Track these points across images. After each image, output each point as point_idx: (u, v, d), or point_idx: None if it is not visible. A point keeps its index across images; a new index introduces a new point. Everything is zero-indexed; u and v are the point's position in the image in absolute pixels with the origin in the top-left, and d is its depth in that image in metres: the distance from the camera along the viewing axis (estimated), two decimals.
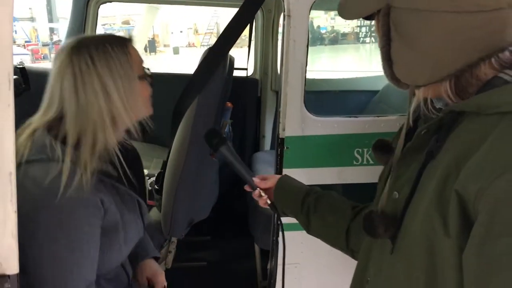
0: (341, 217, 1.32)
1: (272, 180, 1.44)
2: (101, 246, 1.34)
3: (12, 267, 0.98)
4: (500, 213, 0.73)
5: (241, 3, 2.06)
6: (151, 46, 25.97)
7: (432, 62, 0.86)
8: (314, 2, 1.96)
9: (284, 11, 1.98)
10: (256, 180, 1.43)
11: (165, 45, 29.34)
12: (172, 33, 29.90)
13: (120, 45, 1.36)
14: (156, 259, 1.79)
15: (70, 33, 3.59)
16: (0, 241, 0.96)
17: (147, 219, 1.59)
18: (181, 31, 30.23)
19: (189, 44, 29.87)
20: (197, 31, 29.02)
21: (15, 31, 18.86)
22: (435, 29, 0.83)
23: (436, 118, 0.91)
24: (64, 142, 1.30)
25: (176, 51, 26.26)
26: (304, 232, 2.11)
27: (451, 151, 0.85)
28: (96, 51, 1.31)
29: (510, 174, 0.72)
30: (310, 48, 2.05)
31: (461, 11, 0.81)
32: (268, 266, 2.36)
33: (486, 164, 0.76)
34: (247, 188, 1.46)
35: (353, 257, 1.32)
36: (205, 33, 26.61)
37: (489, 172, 0.75)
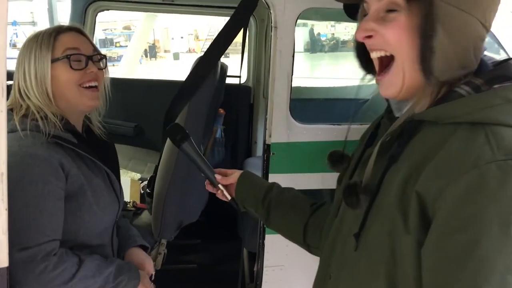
0: (300, 213, 1.39)
1: (234, 176, 1.49)
2: (71, 209, 1.43)
3: (2, 260, 1.06)
4: (456, 211, 0.82)
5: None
6: (152, 51, 26.04)
7: (462, 60, 0.91)
8: (300, 14, 2.05)
9: (271, 23, 2.07)
10: (217, 176, 1.48)
11: (165, 51, 29.42)
12: (172, 38, 29.98)
13: (49, 31, 1.51)
14: (144, 248, 1.84)
15: None
16: None
17: (123, 196, 1.69)
18: (181, 37, 30.32)
19: (189, 49, 29.95)
20: (197, 37, 29.11)
21: (16, 35, 18.94)
22: (470, 31, 0.91)
23: (399, 125, 0.98)
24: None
25: (176, 56, 26.33)
26: None
27: (412, 156, 0.92)
28: (30, 37, 1.51)
29: (465, 176, 0.81)
30: (310, 55, 2.15)
31: (483, 23, 0.91)
32: (255, 268, 2.43)
33: (444, 167, 0.85)
34: (207, 184, 1.51)
35: (309, 251, 1.41)
36: (206, 39, 26.71)
37: (447, 174, 0.83)
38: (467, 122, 0.87)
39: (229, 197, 1.49)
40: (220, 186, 1.48)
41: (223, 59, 2.46)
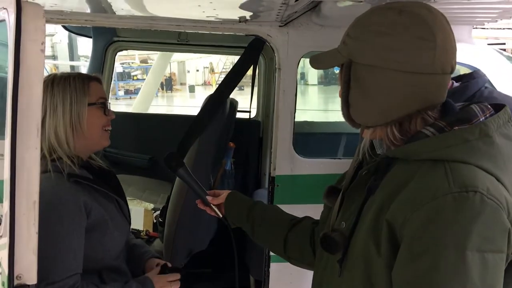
0: (280, 228, 1.53)
1: (223, 196, 1.66)
2: (96, 238, 1.58)
3: (32, 278, 1.21)
4: (417, 238, 0.96)
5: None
6: (168, 84, 26.62)
7: (381, 109, 1.08)
8: (302, 57, 2.22)
9: (275, 65, 2.25)
10: (209, 198, 1.65)
11: (181, 83, 30.01)
12: (188, 71, 30.57)
13: (81, 77, 1.66)
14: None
15: None
16: (24, 256, 1.19)
17: (130, 217, 1.84)
18: (197, 70, 30.90)
19: (205, 82, 30.47)
20: (212, 70, 29.65)
21: None
22: (384, 83, 1.05)
23: (375, 162, 1.14)
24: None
25: (191, 89, 26.88)
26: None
27: (385, 189, 1.07)
28: (59, 79, 1.63)
29: (425, 206, 0.95)
30: (325, 88, 2.31)
31: (404, 71, 1.03)
32: None
33: (408, 200, 0.99)
34: (199, 203, 1.67)
35: (291, 262, 1.56)
36: (221, 72, 27.18)
37: (411, 206, 0.98)
38: (430, 159, 1.02)
39: (221, 215, 1.65)
40: (212, 205, 1.64)
41: (237, 91, 2.61)
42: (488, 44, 3.59)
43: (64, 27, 3.51)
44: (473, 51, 2.39)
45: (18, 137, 1.10)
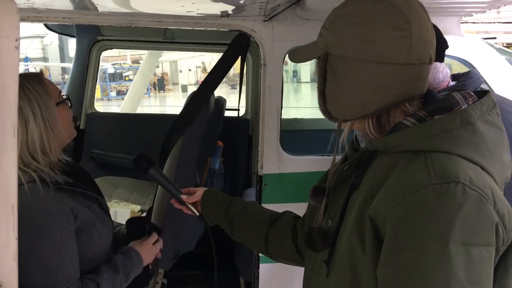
0: (260, 225, 1.48)
1: (198, 194, 1.61)
2: (85, 240, 1.56)
3: (12, 285, 1.15)
4: (400, 232, 0.92)
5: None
6: (160, 84, 26.53)
7: (357, 101, 1.04)
8: (287, 53, 2.17)
9: (260, 61, 2.19)
10: (183, 196, 1.60)
11: (174, 83, 29.92)
12: (180, 71, 30.49)
13: (34, 78, 1.57)
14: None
15: (74, 76, 3.85)
16: (3, 263, 1.12)
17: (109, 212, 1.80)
18: (189, 70, 30.84)
19: (197, 82, 30.41)
20: (205, 70, 29.58)
21: (28, 71, 19.41)
22: (359, 74, 1.01)
23: (356, 156, 1.09)
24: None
25: (184, 89, 26.81)
26: (283, 264, 2.25)
27: (367, 184, 1.03)
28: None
29: (406, 199, 0.91)
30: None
31: (379, 62, 0.99)
32: None
33: (389, 193, 0.95)
34: (174, 202, 1.63)
35: (273, 259, 1.51)
36: None
37: (392, 200, 0.93)
38: (411, 151, 0.97)
39: (197, 214, 1.61)
40: (188, 204, 1.60)
41: (229, 90, 2.57)
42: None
43: (47, 26, 3.43)
44: (462, 44, 2.34)
45: None
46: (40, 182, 1.50)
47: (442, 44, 1.64)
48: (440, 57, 1.68)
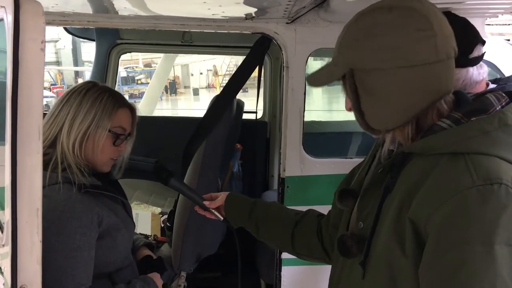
0: (285, 225, 1.51)
1: (220, 199, 1.63)
2: (108, 244, 1.57)
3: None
4: (443, 235, 0.92)
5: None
6: (172, 87, 26.62)
7: (397, 109, 1.03)
8: (310, 55, 2.17)
9: (282, 63, 2.19)
10: (206, 202, 1.63)
11: (185, 87, 30.03)
12: (192, 75, 30.59)
13: (114, 99, 1.60)
14: (149, 247, 2.03)
15: (93, 79, 3.88)
16: (27, 266, 1.13)
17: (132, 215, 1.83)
18: (201, 73, 30.93)
19: (208, 85, 30.48)
20: (216, 73, 29.65)
21: None
22: (394, 82, 1.01)
23: (390, 158, 1.09)
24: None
25: (196, 92, 26.90)
26: (305, 267, 2.25)
27: (403, 186, 1.02)
28: (94, 91, 1.58)
29: (449, 202, 0.91)
30: (330, 88, 2.25)
31: (410, 66, 0.99)
32: None
33: (430, 196, 0.95)
34: (197, 209, 1.66)
35: (300, 258, 1.54)
36: (224, 75, 27.20)
37: (434, 202, 0.93)
38: (449, 153, 0.97)
39: (222, 218, 1.63)
40: (211, 209, 1.62)
41: (241, 94, 2.58)
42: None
43: (67, 30, 3.46)
44: (487, 45, 2.32)
45: (18, 142, 1.05)
46: (69, 184, 1.51)
47: (471, 38, 1.62)
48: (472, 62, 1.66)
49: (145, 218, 2.84)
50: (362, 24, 1.03)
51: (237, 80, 2.27)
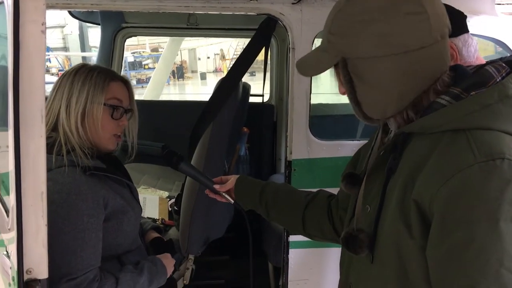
0: (296, 206, 1.50)
1: (230, 182, 1.63)
2: (115, 226, 1.59)
3: (42, 272, 1.16)
4: (448, 214, 0.91)
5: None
6: (179, 72, 26.55)
7: (394, 96, 1.02)
8: (316, 36, 2.13)
9: (288, 44, 2.16)
10: (216, 186, 1.63)
11: (192, 71, 29.94)
12: (199, 59, 30.49)
13: (104, 74, 1.60)
14: (158, 230, 2.05)
15: (99, 63, 3.87)
16: (33, 250, 1.14)
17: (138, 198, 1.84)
18: (208, 57, 30.81)
19: (216, 69, 30.38)
20: (223, 57, 29.51)
21: (49, 60, 19.60)
22: (389, 69, 0.99)
23: (391, 139, 1.07)
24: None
25: (203, 76, 26.82)
26: (313, 249, 2.24)
27: (406, 166, 1.01)
28: (83, 70, 1.59)
29: (452, 180, 0.90)
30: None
31: (405, 51, 0.97)
32: (280, 283, 2.48)
33: (433, 175, 0.93)
34: (208, 192, 1.66)
35: (312, 239, 1.54)
36: (232, 58, 27.08)
37: (437, 181, 0.92)
38: (450, 130, 0.95)
39: (232, 201, 1.63)
40: (222, 192, 1.63)
41: (248, 77, 2.56)
42: None
43: (71, 14, 3.44)
44: (496, 24, 2.27)
45: (21, 125, 1.04)
46: (74, 167, 1.52)
47: (458, 16, 1.59)
48: (464, 28, 1.63)
49: (152, 202, 2.85)
50: (351, 10, 1.00)
51: (242, 63, 2.25)
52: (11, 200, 1.11)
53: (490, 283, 0.86)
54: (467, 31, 1.66)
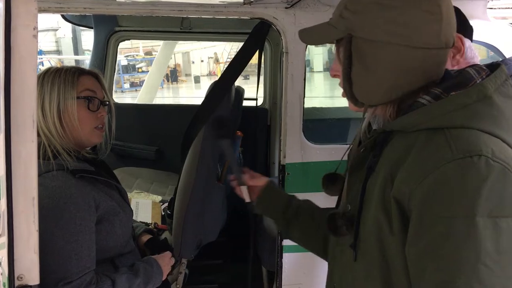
0: (319, 226, 1.43)
1: (260, 180, 1.57)
2: (107, 228, 1.58)
3: (34, 278, 1.15)
4: (427, 209, 0.91)
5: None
6: (173, 75, 26.52)
7: (385, 86, 1.03)
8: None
9: (282, 48, 2.16)
10: (246, 177, 1.56)
11: (186, 74, 29.91)
12: (193, 62, 30.46)
13: (72, 70, 1.61)
14: (150, 232, 2.02)
15: (92, 67, 3.85)
16: (24, 255, 1.13)
17: (128, 200, 1.82)
18: (202, 61, 30.79)
19: (209, 72, 30.37)
20: (217, 60, 29.51)
21: (42, 64, 19.52)
22: (390, 58, 1.00)
23: (371, 137, 1.08)
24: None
25: (197, 80, 26.80)
26: (306, 253, 2.22)
27: (385, 164, 1.02)
28: (51, 72, 1.59)
29: (429, 177, 0.91)
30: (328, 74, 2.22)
31: (411, 46, 0.98)
32: (274, 287, 2.48)
33: (412, 172, 0.94)
34: (233, 179, 1.59)
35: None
36: (225, 62, 27.07)
37: (415, 178, 0.93)
38: (429, 128, 0.97)
39: (248, 200, 1.55)
40: (244, 187, 1.55)
41: (242, 81, 2.55)
42: None
43: (65, 17, 3.43)
44: (488, 28, 2.29)
45: (12, 130, 1.04)
46: (62, 171, 1.52)
47: (467, 23, 1.60)
48: (470, 35, 1.64)
49: (145, 206, 2.85)
50: None
51: (235, 66, 2.25)
52: (2, 205, 1.10)
53: (467, 278, 0.87)
54: (471, 39, 1.67)
